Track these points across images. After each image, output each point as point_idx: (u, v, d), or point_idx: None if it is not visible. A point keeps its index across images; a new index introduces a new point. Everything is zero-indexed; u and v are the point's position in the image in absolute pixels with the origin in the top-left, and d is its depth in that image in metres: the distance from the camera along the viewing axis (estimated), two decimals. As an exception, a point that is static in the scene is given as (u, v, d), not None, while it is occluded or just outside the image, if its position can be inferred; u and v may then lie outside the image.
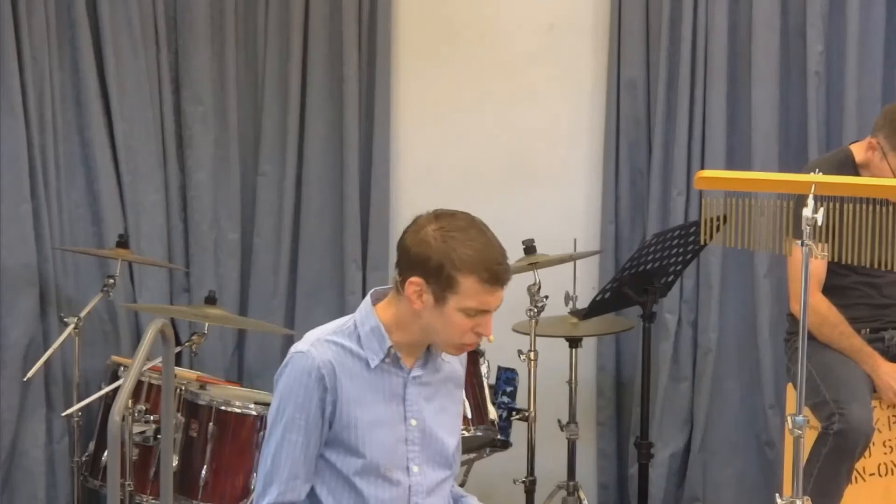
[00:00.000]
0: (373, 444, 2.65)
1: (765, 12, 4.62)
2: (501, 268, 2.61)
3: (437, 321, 2.62)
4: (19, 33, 4.50)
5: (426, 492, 2.71)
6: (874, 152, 3.75)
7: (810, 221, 2.86)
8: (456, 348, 2.69)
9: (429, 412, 2.73)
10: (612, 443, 4.92)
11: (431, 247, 2.59)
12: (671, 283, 4.29)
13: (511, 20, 4.97)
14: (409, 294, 2.61)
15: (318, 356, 2.62)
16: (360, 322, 2.69)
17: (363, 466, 2.64)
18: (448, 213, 2.65)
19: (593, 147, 4.91)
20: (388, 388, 2.68)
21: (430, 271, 2.58)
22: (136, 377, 2.32)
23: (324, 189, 4.94)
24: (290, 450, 2.62)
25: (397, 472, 2.68)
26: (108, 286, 4.41)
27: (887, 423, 3.85)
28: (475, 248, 2.59)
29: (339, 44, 4.87)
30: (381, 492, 2.66)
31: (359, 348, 2.66)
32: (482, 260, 2.58)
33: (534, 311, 4.17)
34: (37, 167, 4.55)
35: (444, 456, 2.76)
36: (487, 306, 2.61)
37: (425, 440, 2.72)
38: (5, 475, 4.53)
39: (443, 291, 2.59)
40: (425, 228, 2.62)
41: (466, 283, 2.58)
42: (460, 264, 2.57)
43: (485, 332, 2.64)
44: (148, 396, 4.01)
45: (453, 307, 2.59)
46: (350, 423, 2.63)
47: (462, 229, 2.61)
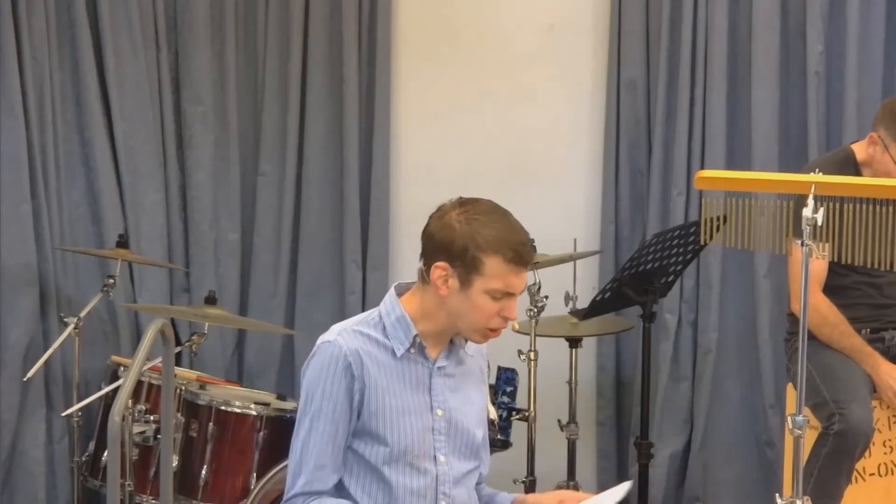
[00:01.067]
0: (400, 431, 2.67)
1: (765, 12, 4.62)
2: (525, 248, 2.66)
3: (463, 306, 2.64)
4: (19, 33, 4.50)
5: (453, 482, 2.74)
6: (875, 147, 3.74)
7: (810, 221, 2.86)
8: (482, 334, 2.70)
9: (454, 403, 2.75)
10: (612, 443, 4.92)
11: (456, 230, 2.63)
12: (671, 283, 4.28)
13: (511, 20, 4.98)
14: (435, 279, 2.64)
15: (345, 345, 2.65)
16: (385, 313, 2.72)
17: (391, 455, 2.66)
18: (472, 200, 2.70)
19: (593, 147, 4.91)
20: (414, 378, 2.71)
21: (455, 254, 2.62)
22: (136, 377, 2.32)
23: (324, 189, 4.94)
24: (317, 439, 2.64)
25: (424, 461, 2.70)
26: (108, 286, 4.40)
27: (887, 423, 3.85)
28: (498, 229, 2.64)
29: (339, 44, 4.87)
30: (410, 480, 2.68)
31: (384, 338, 2.69)
32: (506, 240, 2.63)
33: (534, 311, 4.16)
34: (37, 167, 4.55)
35: (470, 447, 2.79)
36: (512, 289, 2.65)
37: (451, 430, 2.74)
38: (5, 475, 4.53)
39: (468, 274, 2.62)
40: (449, 214, 2.66)
41: (491, 264, 2.62)
42: (485, 245, 2.61)
43: (510, 315, 2.67)
44: (148, 396, 4.01)
45: (479, 289, 2.63)
46: (378, 410, 2.65)
47: (485, 213, 2.66)
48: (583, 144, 4.94)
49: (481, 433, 2.83)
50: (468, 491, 2.80)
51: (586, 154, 4.93)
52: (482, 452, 2.86)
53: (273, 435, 3.83)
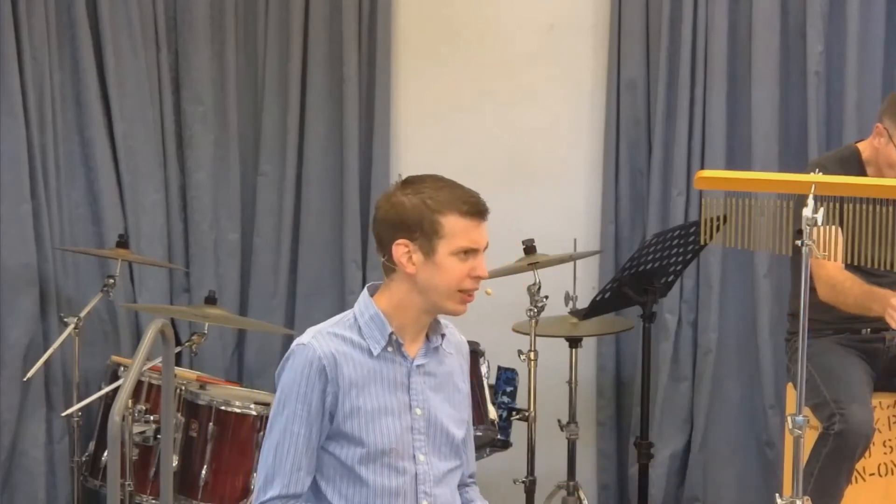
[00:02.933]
0: (377, 431, 2.65)
1: (765, 12, 4.62)
2: (477, 199, 2.67)
3: (433, 275, 2.64)
4: (19, 33, 4.50)
5: (434, 481, 2.72)
6: (881, 138, 3.74)
7: (810, 221, 2.86)
8: (458, 300, 2.68)
9: (434, 402, 2.74)
10: (612, 443, 4.92)
11: (405, 204, 2.64)
12: (671, 283, 4.29)
13: (511, 20, 4.98)
14: (399, 258, 2.64)
15: (319, 347, 2.64)
16: (359, 313, 2.71)
17: (366, 454, 2.65)
18: (412, 177, 2.72)
19: (593, 147, 4.91)
20: (391, 377, 2.70)
21: (412, 226, 2.63)
22: (136, 377, 2.33)
23: (324, 189, 4.94)
24: (292, 442, 2.62)
25: (403, 460, 2.68)
26: (108, 286, 4.41)
27: (887, 423, 3.85)
28: (447, 190, 2.66)
29: (339, 44, 4.87)
30: (387, 480, 2.66)
31: (360, 338, 2.68)
32: (457, 196, 2.65)
33: (534, 311, 4.17)
34: (37, 167, 4.55)
35: (451, 446, 2.77)
36: (476, 243, 2.66)
37: (431, 430, 2.73)
38: (5, 475, 4.53)
39: (430, 241, 2.63)
40: (395, 195, 2.68)
41: (449, 222, 2.63)
42: (438, 206, 2.63)
43: (481, 272, 2.67)
44: (148, 396, 4.01)
45: (444, 253, 2.63)
46: (353, 412, 2.64)
47: (429, 181, 2.68)
48: (583, 144, 4.94)
49: (462, 432, 2.80)
50: (451, 490, 2.78)
51: (586, 154, 4.93)
52: (464, 451, 2.83)
53: (273, 435, 3.83)
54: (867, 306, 3.67)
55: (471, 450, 2.89)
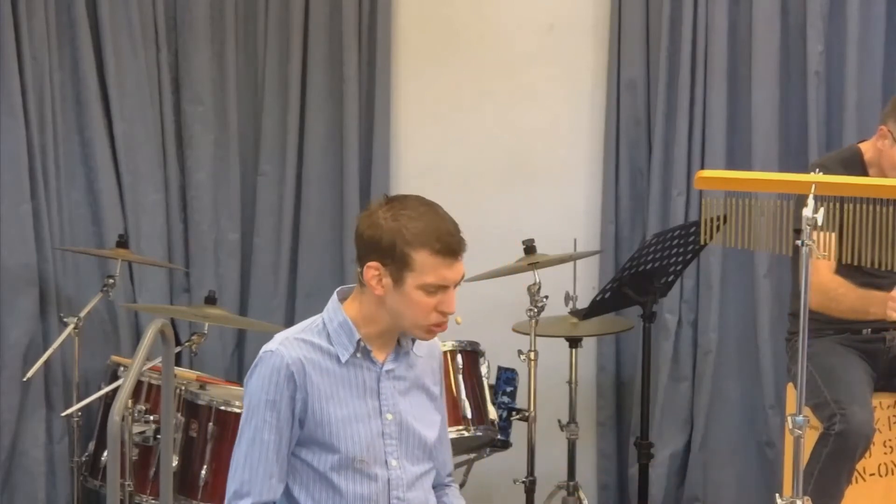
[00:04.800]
0: (348, 439, 2.64)
1: (765, 12, 4.62)
2: (454, 238, 2.61)
3: (400, 304, 2.62)
4: (19, 33, 4.50)
5: (406, 485, 2.71)
6: (884, 140, 3.73)
7: (810, 221, 2.86)
8: (425, 331, 2.67)
9: (405, 406, 2.73)
10: (612, 443, 4.92)
11: (382, 228, 2.61)
12: (671, 283, 4.28)
13: (511, 20, 4.97)
14: (369, 279, 2.62)
15: (287, 354, 2.62)
16: (328, 319, 2.69)
17: (338, 462, 2.64)
18: (399, 197, 2.68)
19: (593, 147, 4.91)
20: (361, 383, 2.68)
21: (385, 252, 2.60)
22: (136, 377, 2.32)
23: (324, 189, 4.94)
24: (262, 449, 2.61)
25: (375, 466, 2.67)
26: (108, 286, 4.41)
27: (887, 423, 3.85)
28: (426, 221, 2.60)
29: (339, 44, 4.87)
30: (359, 487, 2.65)
31: (328, 344, 2.67)
32: (432, 231, 2.59)
33: (534, 311, 4.17)
34: (37, 167, 4.55)
35: (423, 450, 2.76)
36: (445, 281, 2.61)
37: (403, 434, 2.72)
38: (5, 475, 4.53)
39: (399, 271, 2.60)
40: (376, 213, 2.64)
41: (420, 258, 2.59)
42: (411, 238, 2.58)
43: (447, 308, 2.63)
44: (148, 396, 4.01)
45: (412, 286, 2.60)
46: (323, 419, 2.63)
47: (412, 207, 2.63)
48: (583, 144, 4.93)
49: (434, 434, 2.79)
50: (424, 493, 2.77)
51: (586, 154, 4.93)
52: (438, 453, 2.82)
53: (273, 435, 3.82)
54: (864, 310, 3.69)
55: (447, 449, 2.88)
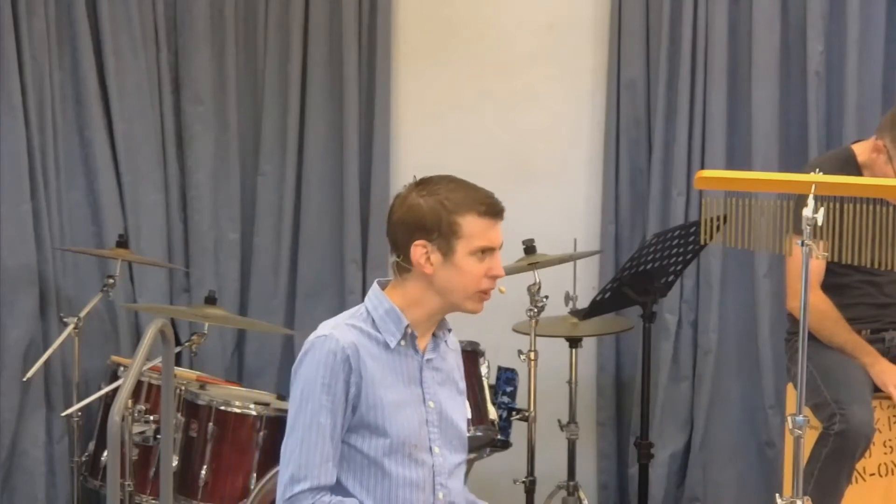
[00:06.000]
0: (399, 423, 2.67)
1: (765, 12, 4.62)
2: (494, 199, 2.71)
3: (452, 276, 2.67)
4: (19, 33, 4.50)
5: (448, 473, 2.75)
6: (879, 154, 3.72)
7: (810, 221, 2.86)
8: (476, 300, 2.72)
9: (443, 396, 2.77)
10: (612, 443, 4.92)
11: (423, 206, 2.67)
12: (671, 283, 4.28)
13: (511, 20, 4.98)
14: (417, 259, 2.66)
15: (342, 338, 2.65)
16: (372, 307, 2.73)
17: (390, 446, 2.66)
18: (426, 178, 2.74)
19: (593, 147, 4.91)
20: (406, 371, 2.72)
21: (430, 227, 2.66)
22: (136, 377, 2.33)
23: (324, 189, 4.95)
24: (320, 433, 2.62)
25: (422, 452, 2.71)
26: (108, 286, 4.41)
27: (887, 423, 3.85)
28: (463, 190, 2.69)
29: (339, 44, 4.87)
30: (409, 471, 2.68)
31: (375, 331, 2.70)
32: (474, 197, 2.68)
33: (534, 311, 4.17)
34: (37, 167, 4.55)
35: (460, 439, 2.81)
36: (493, 242, 2.69)
37: (443, 423, 2.76)
38: (5, 475, 4.53)
39: (448, 241, 2.65)
40: (410, 195, 2.71)
41: (468, 223, 2.66)
42: (455, 207, 2.66)
43: (498, 272, 2.70)
44: (148, 396, 4.01)
45: (463, 253, 2.66)
46: (376, 403, 2.65)
47: (444, 182, 2.71)
48: (583, 144, 4.93)
49: (465, 427, 2.85)
50: (460, 483, 2.82)
51: (586, 154, 4.93)
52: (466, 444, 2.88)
53: (273, 435, 3.82)
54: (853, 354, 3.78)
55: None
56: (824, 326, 3.78)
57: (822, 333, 3.78)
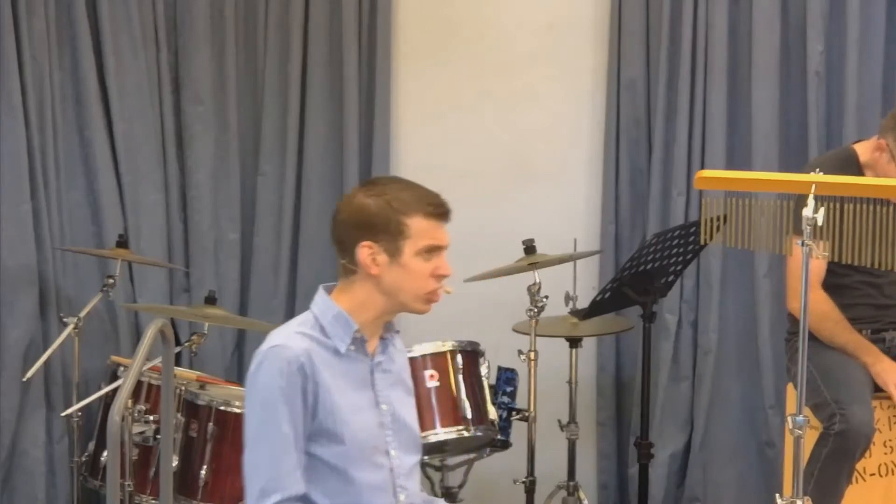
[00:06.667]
0: (355, 428, 2.66)
1: (765, 12, 4.62)
2: (441, 199, 2.69)
3: (398, 276, 2.66)
4: (19, 33, 4.49)
5: (406, 474, 2.75)
6: (882, 153, 3.72)
7: (810, 221, 2.86)
8: (424, 300, 2.70)
9: (395, 398, 2.76)
10: (612, 443, 4.92)
11: (370, 206, 2.66)
12: (671, 283, 4.28)
13: (511, 20, 4.98)
14: (364, 260, 2.64)
15: (294, 346, 2.63)
16: (320, 313, 2.71)
17: (350, 452, 2.65)
18: (371, 179, 2.78)
19: (593, 147, 4.91)
20: (357, 375, 2.71)
21: (377, 228, 2.64)
22: (136, 377, 2.33)
23: (324, 189, 4.94)
24: (285, 443, 2.60)
25: (380, 455, 2.70)
26: (108, 286, 4.40)
27: (887, 423, 3.85)
28: (410, 190, 2.68)
29: (339, 44, 4.87)
30: (371, 475, 2.67)
31: (325, 338, 2.68)
32: (421, 197, 2.67)
33: (534, 311, 4.16)
34: (37, 167, 4.55)
35: (413, 440, 2.80)
36: (439, 241, 2.68)
37: (396, 425, 2.75)
38: (5, 475, 4.53)
39: (395, 242, 2.64)
40: (356, 196, 2.69)
41: (415, 223, 2.65)
42: (403, 207, 2.65)
43: (444, 271, 2.69)
44: (148, 396, 4.01)
45: (409, 253, 2.65)
46: (333, 409, 2.64)
47: (391, 182, 2.71)
48: (583, 144, 4.93)
49: (417, 428, 2.84)
50: (416, 484, 2.81)
51: (586, 154, 4.93)
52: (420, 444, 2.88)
53: (273, 435, 3.82)
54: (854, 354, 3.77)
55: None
56: (824, 327, 3.78)
57: (822, 334, 3.78)
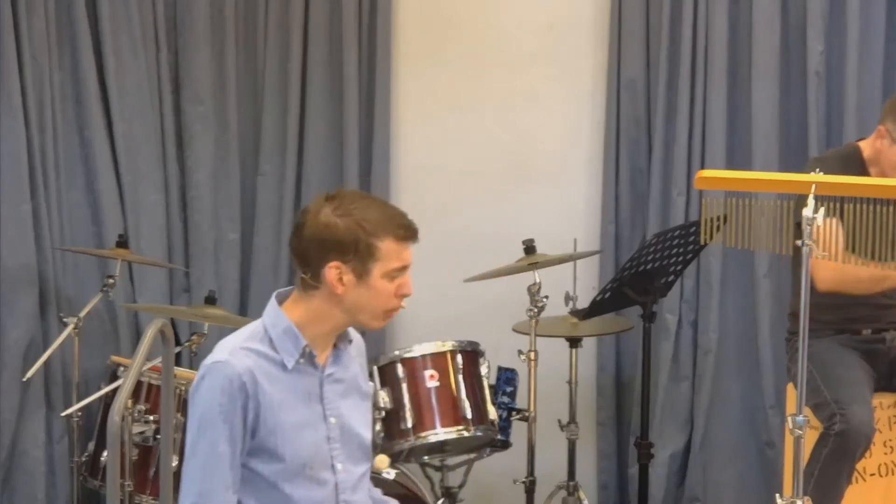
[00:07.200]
0: (297, 446, 2.64)
1: (765, 12, 4.62)
2: (410, 221, 2.68)
3: (363, 297, 2.64)
4: (19, 33, 4.49)
5: (352, 488, 2.74)
6: (883, 140, 3.72)
7: (810, 221, 2.86)
8: (383, 317, 2.70)
9: (345, 408, 2.75)
10: (612, 443, 4.92)
11: (339, 226, 2.62)
12: (671, 283, 4.28)
13: (511, 20, 4.97)
14: (331, 280, 2.62)
15: (238, 364, 2.61)
16: (270, 325, 2.69)
17: (289, 470, 2.63)
18: (335, 193, 2.70)
19: (593, 147, 4.91)
20: (305, 389, 2.69)
21: (346, 249, 2.61)
22: (136, 377, 2.32)
23: (324, 189, 4.87)
24: (218, 461, 2.58)
25: (323, 471, 2.69)
26: (108, 286, 4.40)
27: (887, 423, 3.85)
28: (377, 211, 2.66)
29: (339, 44, 4.87)
30: (310, 493, 2.66)
31: (273, 351, 2.66)
32: (390, 219, 2.66)
33: (534, 311, 4.16)
34: (37, 167, 4.55)
35: (362, 449, 2.79)
36: (406, 262, 2.67)
37: (345, 437, 2.73)
38: (5, 475, 4.53)
39: (364, 264, 2.62)
40: (322, 212, 2.65)
41: (385, 246, 2.63)
42: (374, 229, 2.62)
43: (407, 290, 2.69)
44: (148, 396, 4.01)
45: (377, 275, 2.64)
46: (275, 427, 2.62)
47: (357, 199, 2.67)
48: (583, 144, 4.93)
49: (369, 435, 2.82)
50: (365, 494, 2.80)
51: (586, 154, 4.93)
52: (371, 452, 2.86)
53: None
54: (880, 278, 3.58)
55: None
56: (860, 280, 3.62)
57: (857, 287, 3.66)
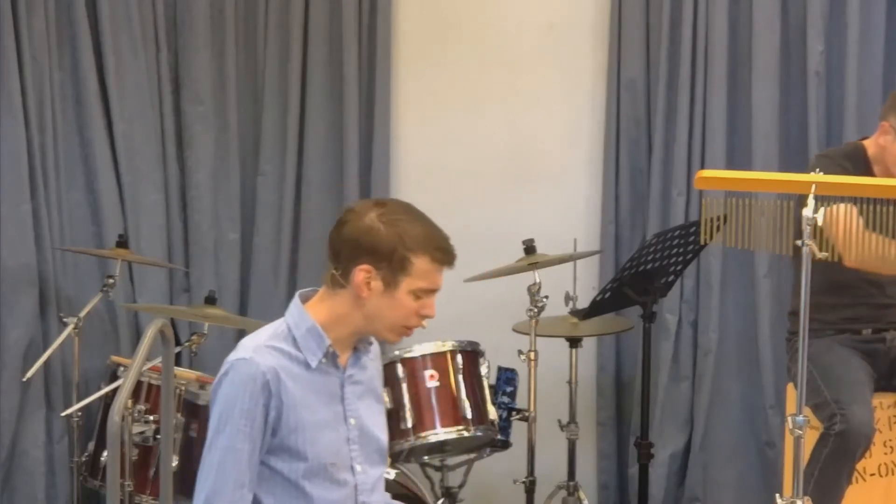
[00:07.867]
0: (319, 445, 2.64)
1: (765, 12, 4.62)
2: (451, 247, 2.66)
3: (385, 307, 2.64)
4: (19, 33, 4.50)
5: (370, 489, 2.74)
6: (886, 136, 3.72)
7: (810, 221, 2.85)
8: (398, 333, 2.69)
9: (363, 410, 2.75)
10: (612, 443, 4.92)
11: (381, 232, 2.61)
12: (671, 283, 4.28)
13: (511, 20, 4.97)
14: (358, 282, 2.62)
15: (262, 362, 2.60)
16: (293, 325, 2.69)
17: (310, 469, 2.63)
18: (386, 200, 2.72)
19: (593, 147, 4.91)
20: (327, 389, 2.69)
21: (381, 256, 2.60)
22: (136, 377, 2.32)
23: (324, 189, 4.94)
24: (236, 458, 2.58)
25: (343, 472, 2.69)
26: (108, 286, 4.40)
27: (887, 423, 3.85)
28: (423, 228, 2.64)
29: (339, 44, 4.87)
30: (330, 493, 2.66)
31: (297, 351, 2.66)
32: (433, 239, 2.64)
33: (534, 311, 4.16)
34: (37, 167, 4.55)
35: (379, 451, 2.79)
36: (436, 286, 2.66)
37: (363, 438, 2.74)
38: (5, 475, 4.53)
39: (394, 275, 2.61)
40: (368, 215, 2.64)
41: (420, 263, 2.62)
42: (413, 245, 2.61)
43: (430, 312, 2.68)
44: (148, 396, 4.01)
45: (405, 290, 2.62)
46: (297, 426, 2.62)
47: (405, 212, 2.66)
48: (583, 144, 4.93)
49: (385, 438, 2.83)
50: (382, 496, 2.80)
51: (586, 154, 4.93)
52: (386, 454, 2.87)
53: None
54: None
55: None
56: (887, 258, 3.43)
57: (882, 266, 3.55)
